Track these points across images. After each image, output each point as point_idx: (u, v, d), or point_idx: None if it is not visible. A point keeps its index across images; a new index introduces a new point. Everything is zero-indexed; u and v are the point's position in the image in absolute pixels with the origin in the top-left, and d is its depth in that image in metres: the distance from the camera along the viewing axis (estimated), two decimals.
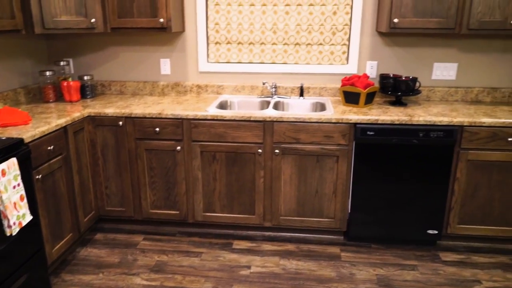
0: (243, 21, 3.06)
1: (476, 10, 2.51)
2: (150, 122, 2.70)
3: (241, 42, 3.10)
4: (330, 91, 3.10)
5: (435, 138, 2.50)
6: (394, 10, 2.60)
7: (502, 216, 2.62)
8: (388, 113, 2.62)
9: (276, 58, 3.11)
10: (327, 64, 3.08)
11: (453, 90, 3.01)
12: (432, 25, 2.60)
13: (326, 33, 3.02)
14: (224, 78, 3.20)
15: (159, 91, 3.27)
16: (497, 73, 2.97)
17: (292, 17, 3.01)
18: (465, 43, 2.93)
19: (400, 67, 3.03)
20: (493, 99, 3.00)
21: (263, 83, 3.03)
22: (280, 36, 3.06)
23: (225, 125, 2.64)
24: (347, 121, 2.54)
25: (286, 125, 2.60)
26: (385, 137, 2.54)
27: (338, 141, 2.59)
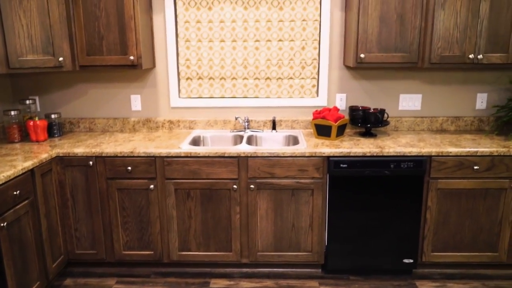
0: (214, 57, 3.09)
1: (436, 45, 2.64)
2: (122, 161, 2.64)
3: (212, 77, 3.13)
4: (302, 124, 3.15)
5: (406, 168, 2.57)
6: (360, 46, 2.70)
7: (473, 242, 2.69)
8: (359, 145, 2.68)
9: (247, 92, 3.14)
10: (298, 97, 3.14)
11: (419, 119, 3.12)
12: (397, 59, 2.71)
13: (296, 67, 3.08)
14: (196, 113, 3.19)
15: (130, 128, 3.22)
16: (458, 103, 3.11)
17: (262, 52, 3.07)
18: (428, 75, 3.07)
19: (368, 99, 3.12)
20: (457, 128, 3.13)
21: (236, 118, 3.04)
22: (251, 71, 3.10)
23: (199, 161, 2.61)
24: (320, 154, 2.58)
25: (261, 160, 2.60)
26: (358, 169, 2.59)
27: (312, 175, 2.61)
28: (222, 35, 3.04)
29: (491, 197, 2.62)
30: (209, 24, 3.03)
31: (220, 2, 2.99)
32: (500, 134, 2.94)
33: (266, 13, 2.99)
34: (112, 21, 2.73)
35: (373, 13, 2.66)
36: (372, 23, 2.67)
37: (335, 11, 2.99)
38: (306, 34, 3.02)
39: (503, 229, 2.65)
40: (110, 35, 2.75)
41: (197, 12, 3.01)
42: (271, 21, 3.01)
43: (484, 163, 2.56)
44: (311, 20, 3.00)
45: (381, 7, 2.65)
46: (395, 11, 2.65)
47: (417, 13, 2.65)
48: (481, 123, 3.11)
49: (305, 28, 3.01)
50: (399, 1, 2.64)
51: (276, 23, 3.01)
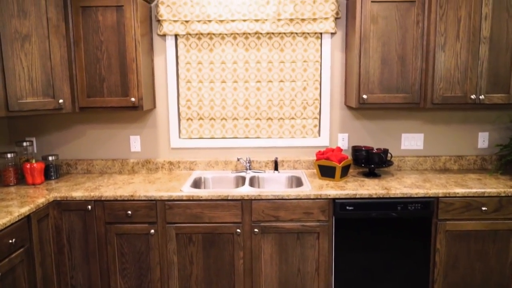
0: (215, 98, 3.08)
1: (438, 86, 2.66)
2: (122, 204, 2.56)
3: (213, 118, 3.10)
4: (304, 164, 3.11)
5: (413, 210, 2.52)
6: (362, 87, 2.71)
7: (484, 286, 2.61)
8: (364, 186, 2.63)
9: (249, 133, 3.12)
10: (300, 137, 3.12)
11: (422, 159, 3.10)
12: (399, 100, 2.72)
13: (297, 108, 3.08)
14: (196, 154, 3.15)
15: (129, 169, 3.15)
16: (460, 142, 3.10)
17: (263, 93, 3.07)
18: (429, 114, 3.08)
19: (370, 139, 3.11)
20: (460, 167, 3.11)
21: (238, 159, 3.00)
22: (252, 111, 3.09)
23: (202, 205, 2.54)
24: (326, 196, 2.52)
25: (265, 203, 2.54)
26: (365, 211, 2.53)
27: (318, 217, 2.55)
28: (223, 76, 3.05)
29: (500, 239, 2.56)
30: (210, 65, 3.04)
31: (222, 44, 3.01)
32: (505, 173, 2.92)
33: (267, 54, 3.02)
34: (114, 63, 2.72)
35: (374, 55, 2.69)
36: (373, 65, 2.69)
37: (335, 52, 3.02)
38: (307, 75, 3.04)
39: None
40: (112, 77, 2.73)
41: (198, 54, 3.03)
42: (272, 62, 3.03)
43: (492, 204, 2.52)
44: (312, 61, 3.02)
45: (382, 49, 2.68)
46: (396, 53, 2.68)
47: (417, 54, 2.68)
48: (484, 162, 3.10)
49: (306, 69, 3.03)
50: (400, 43, 2.67)
51: (277, 64, 3.03)
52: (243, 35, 3.00)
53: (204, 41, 3.01)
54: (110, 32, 2.69)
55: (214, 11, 2.90)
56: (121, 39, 2.69)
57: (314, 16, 2.90)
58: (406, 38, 2.67)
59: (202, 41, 3.01)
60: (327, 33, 2.98)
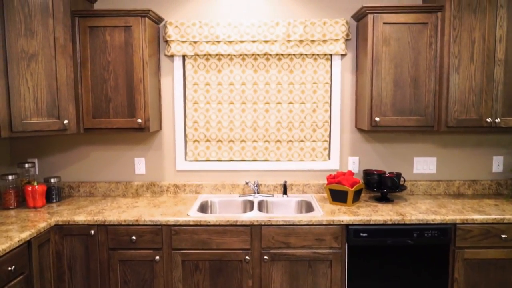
0: (222, 119, 3.01)
1: (452, 109, 2.59)
2: (126, 229, 2.46)
3: (220, 140, 3.03)
4: (314, 188, 3.02)
5: (430, 237, 2.42)
6: (374, 109, 2.65)
7: None
8: (378, 212, 2.54)
9: (257, 155, 3.04)
10: (309, 160, 3.04)
11: (435, 183, 3.01)
12: (412, 123, 2.65)
13: (307, 130, 3.01)
14: (203, 176, 3.06)
15: (133, 192, 3.06)
16: (474, 166, 3.02)
17: (272, 114, 3.00)
18: (441, 138, 3.00)
19: (381, 162, 3.03)
20: (474, 191, 3.02)
21: (246, 182, 2.91)
22: (260, 134, 3.02)
23: (209, 230, 2.44)
24: (339, 222, 2.42)
25: (275, 228, 2.44)
26: (379, 238, 2.43)
27: (330, 244, 2.44)
28: (231, 97, 2.99)
29: None
30: (218, 86, 2.99)
31: (230, 65, 2.97)
32: None
33: (276, 75, 2.97)
34: (121, 83, 2.67)
35: (387, 77, 2.64)
36: (386, 87, 2.64)
37: (345, 74, 2.97)
38: (317, 97, 2.98)
39: None
40: (118, 98, 2.68)
41: (206, 75, 2.98)
42: (281, 84, 2.98)
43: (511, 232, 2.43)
44: (321, 82, 2.97)
45: (394, 71, 2.63)
46: (409, 75, 2.63)
47: (431, 76, 2.63)
48: (499, 187, 3.01)
49: (316, 90, 2.98)
50: (412, 65, 2.63)
51: (286, 86, 2.98)
52: (252, 56, 2.96)
53: (212, 62, 2.97)
54: (118, 52, 2.65)
55: (223, 31, 2.87)
56: (129, 59, 2.65)
57: (324, 38, 2.86)
58: (419, 60, 2.62)
59: (210, 62, 2.97)
60: (337, 55, 2.94)
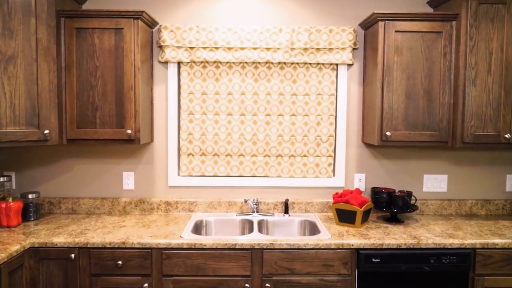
0: (219, 131, 2.79)
1: (469, 123, 2.41)
2: (111, 253, 2.20)
3: (217, 154, 2.80)
4: (317, 207, 2.80)
5: (447, 264, 2.21)
6: (385, 123, 2.45)
7: None
8: (390, 234, 2.32)
9: (256, 171, 2.81)
10: (313, 177, 2.82)
11: (446, 202, 2.82)
12: (425, 138, 2.46)
13: (310, 144, 2.80)
14: (197, 193, 2.81)
15: (120, 209, 2.79)
16: (487, 185, 2.84)
17: (273, 127, 2.79)
18: (453, 154, 2.82)
19: (389, 180, 2.82)
20: (488, 212, 2.83)
21: (245, 200, 2.67)
22: (260, 147, 2.79)
23: (205, 255, 2.19)
24: (348, 246, 2.20)
25: (278, 253, 2.20)
26: (393, 264, 2.20)
27: (339, 271, 2.21)
28: (229, 108, 2.77)
29: None
30: (215, 96, 2.77)
31: (229, 73, 2.75)
32: None
33: (279, 85, 2.76)
34: (109, 90, 2.43)
35: (398, 88, 2.45)
36: (397, 99, 2.45)
37: (352, 85, 2.78)
38: (321, 109, 2.78)
39: None
40: (106, 106, 2.43)
41: (202, 83, 2.76)
42: (283, 94, 2.77)
43: None
44: (326, 94, 2.77)
45: (406, 82, 2.45)
46: (422, 87, 2.45)
47: (445, 89, 2.45)
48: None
49: (321, 102, 2.78)
50: (426, 76, 2.45)
51: (289, 97, 2.77)
52: (253, 64, 2.75)
53: (210, 70, 2.75)
54: (107, 57, 2.42)
55: (222, 37, 2.66)
56: (119, 64, 2.42)
57: (330, 46, 2.67)
58: (433, 71, 2.45)
59: (208, 69, 2.75)
60: (344, 64, 2.75)
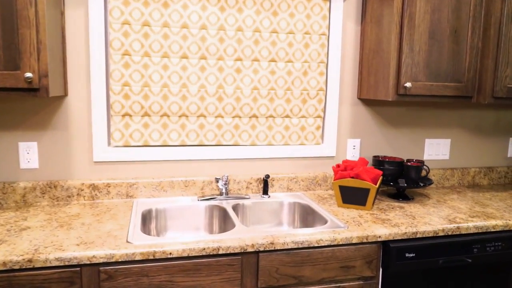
0: (170, 82, 1.93)
1: (503, 73, 1.91)
2: (8, 281, 1.29)
3: (167, 114, 1.95)
4: (303, 183, 2.13)
5: (492, 252, 1.71)
6: (404, 71, 1.84)
7: None
8: (416, 218, 1.75)
9: (222, 137, 2.03)
10: (297, 144, 2.13)
11: (449, 172, 2.35)
12: (449, 91, 1.91)
13: (295, 101, 2.09)
14: (138, 170, 1.96)
15: (17, 200, 1.82)
16: (489, 150, 2.43)
17: (246, 77, 2.02)
18: (457, 115, 2.34)
19: (387, 146, 2.26)
20: (490, 181, 2.43)
21: (216, 179, 1.90)
22: (228, 105, 2.01)
23: (171, 268, 1.40)
24: (375, 239, 1.58)
25: (282, 255, 1.50)
26: (429, 258, 1.65)
27: (361, 273, 1.59)
28: (184, 48, 1.92)
29: None
30: (163, 30, 1.89)
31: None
32: None
33: (254, 18, 1.98)
34: None
35: (421, 25, 1.84)
36: (419, 39, 1.85)
37: (348, 24, 2.11)
38: (309, 54, 2.08)
39: None
40: None
41: (144, 9, 1.86)
42: (260, 31, 2.00)
43: None
44: (316, 33, 2.07)
45: (431, 17, 1.85)
46: (448, 24, 1.87)
47: (475, 27, 1.90)
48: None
49: (308, 44, 2.07)
50: (453, 10, 1.87)
51: (267, 35, 2.01)
52: None
53: None
54: None
55: None
56: None
57: None
58: (461, 3, 1.88)
59: None
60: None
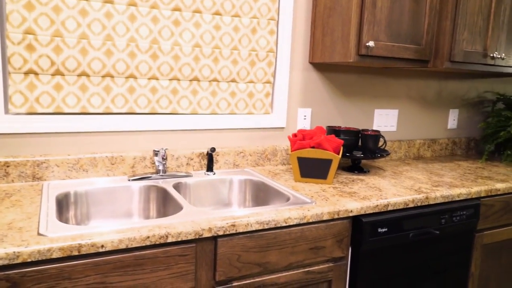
0: (90, 31, 1.53)
1: (461, 36, 1.82)
2: None
3: (86, 73, 1.55)
4: (251, 158, 1.87)
5: (457, 222, 1.62)
6: (367, 29, 1.66)
7: None
8: (383, 190, 1.60)
9: (158, 104, 1.68)
10: (245, 113, 1.86)
11: (397, 144, 2.26)
12: (409, 54, 1.78)
13: (242, 63, 1.81)
14: (49, 145, 1.53)
15: None
16: (432, 121, 2.40)
17: (185, 31, 1.68)
18: (404, 84, 2.25)
19: (338, 116, 2.09)
20: (433, 153, 2.40)
21: (155, 152, 1.55)
22: (165, 64, 1.66)
23: (102, 265, 1.06)
24: (346, 214, 1.38)
25: (243, 240, 1.23)
26: (400, 232, 1.50)
27: (331, 254, 1.39)
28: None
29: None
30: None
31: None
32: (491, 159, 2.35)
33: None
34: None
35: None
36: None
37: None
38: (258, 8, 1.80)
39: None
40: None
41: None
42: None
43: None
44: None
45: None
46: None
47: None
48: (455, 146, 2.48)
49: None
50: None
51: None
52: None
53: None
54: None
55: None
56: None
57: None
58: None
59: None
60: None
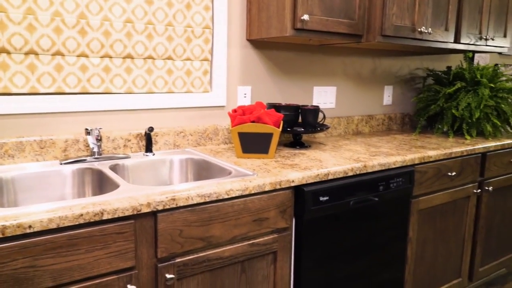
0: (8, 4, 1.40)
1: (390, 10, 1.89)
2: None
3: (6, 49, 1.42)
4: (192, 138, 1.83)
5: (395, 189, 1.69)
6: (301, 2, 1.67)
7: (443, 274, 2.06)
8: (323, 162, 1.63)
9: (89, 83, 1.59)
10: (183, 91, 1.81)
11: (336, 120, 2.32)
12: (342, 28, 1.82)
13: (178, 39, 1.76)
14: None
15: None
16: (369, 98, 2.48)
17: (115, 5, 1.60)
18: (341, 61, 2.30)
19: (278, 94, 2.10)
20: (371, 129, 2.49)
21: (87, 130, 1.46)
22: (95, 41, 1.57)
23: (31, 247, 0.98)
24: (288, 184, 1.39)
25: (185, 214, 1.19)
26: (341, 200, 1.53)
27: (275, 225, 1.39)
28: None
29: (459, 211, 2.05)
30: None
31: None
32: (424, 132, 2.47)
33: None
34: None
35: None
36: None
37: None
38: None
39: (466, 247, 2.13)
40: None
41: None
42: None
43: (457, 168, 1.97)
44: None
45: None
46: None
47: None
48: (390, 122, 2.58)
49: None
50: None
51: None
52: None
53: None
54: None
55: None
56: None
57: None
58: None
59: None
60: None
